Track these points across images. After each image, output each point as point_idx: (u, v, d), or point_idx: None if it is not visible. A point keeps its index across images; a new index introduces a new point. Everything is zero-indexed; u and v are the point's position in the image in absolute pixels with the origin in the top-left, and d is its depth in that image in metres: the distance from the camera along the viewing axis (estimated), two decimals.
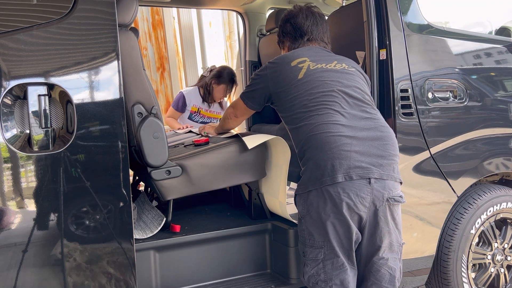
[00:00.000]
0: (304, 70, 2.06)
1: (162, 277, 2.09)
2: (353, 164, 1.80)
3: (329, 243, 1.85)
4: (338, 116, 1.91)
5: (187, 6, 4.46)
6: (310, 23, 2.24)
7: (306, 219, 1.89)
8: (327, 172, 1.80)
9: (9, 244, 1.57)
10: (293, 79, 2.04)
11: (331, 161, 1.81)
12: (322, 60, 2.10)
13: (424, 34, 2.39)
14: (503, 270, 2.60)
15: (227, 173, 2.22)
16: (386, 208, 1.86)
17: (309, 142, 1.89)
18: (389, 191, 1.85)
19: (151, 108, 2.07)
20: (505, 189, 2.61)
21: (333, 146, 1.83)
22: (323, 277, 1.88)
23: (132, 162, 2.01)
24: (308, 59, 2.09)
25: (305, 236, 1.91)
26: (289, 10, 2.35)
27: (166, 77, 6.50)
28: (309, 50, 2.18)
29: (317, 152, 1.85)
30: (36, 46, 1.59)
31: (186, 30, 6.31)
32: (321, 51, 2.19)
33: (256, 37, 3.83)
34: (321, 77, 2.02)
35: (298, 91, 2.01)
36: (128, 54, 2.03)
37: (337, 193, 1.79)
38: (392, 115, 2.26)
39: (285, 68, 2.10)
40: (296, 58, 2.11)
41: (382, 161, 1.85)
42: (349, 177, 1.79)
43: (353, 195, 1.79)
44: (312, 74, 2.03)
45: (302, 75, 2.04)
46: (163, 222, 2.17)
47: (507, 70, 2.60)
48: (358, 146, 1.84)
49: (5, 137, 1.55)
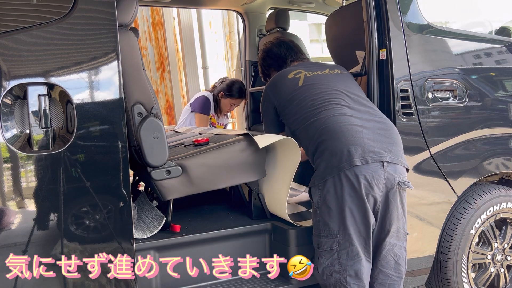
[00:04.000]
0: (302, 78, 2.22)
1: (162, 277, 2.09)
2: (367, 149, 1.92)
3: (345, 231, 1.91)
4: (345, 109, 2.06)
5: (187, 6, 4.46)
6: (285, 49, 2.50)
7: (322, 208, 1.96)
8: (344, 157, 1.91)
9: (9, 244, 1.57)
10: (294, 88, 2.21)
11: (347, 147, 1.92)
12: (316, 69, 2.28)
13: (424, 34, 2.39)
14: (503, 270, 2.60)
15: (227, 173, 2.22)
16: (396, 192, 1.96)
17: (322, 135, 2.00)
18: (400, 175, 1.97)
19: (151, 108, 2.07)
20: (505, 189, 2.61)
21: (346, 134, 1.95)
22: (338, 267, 1.94)
23: (132, 162, 2.01)
24: (302, 70, 2.27)
25: (320, 227, 1.98)
26: (261, 50, 2.63)
27: (166, 77, 6.50)
28: (300, 65, 2.38)
29: (332, 141, 1.96)
30: (36, 46, 1.59)
31: (186, 30, 6.30)
32: (311, 63, 2.40)
33: (256, 37, 3.83)
34: (320, 81, 2.19)
35: (302, 95, 2.16)
36: (128, 54, 2.03)
37: (354, 176, 1.89)
38: (392, 115, 2.26)
39: (283, 81, 2.27)
40: (291, 72, 2.29)
41: (391, 147, 1.98)
42: (365, 160, 1.90)
43: (369, 177, 1.89)
44: (311, 80, 2.20)
45: (301, 82, 2.20)
46: (163, 222, 2.17)
47: (507, 70, 2.60)
48: (368, 134, 1.97)
49: (5, 137, 1.55)
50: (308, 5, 3.87)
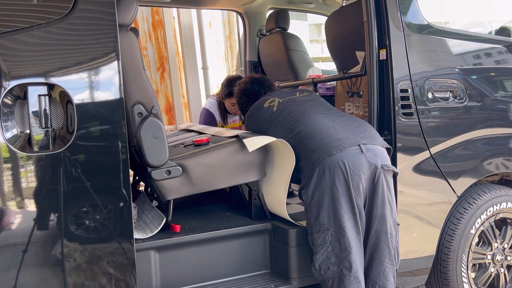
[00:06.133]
0: (276, 104, 2.41)
1: (162, 277, 2.09)
2: (342, 138, 2.03)
3: (335, 222, 1.97)
4: (316, 115, 2.22)
5: (187, 6, 4.46)
6: (257, 85, 2.70)
7: (312, 204, 2.03)
8: (321, 151, 2.01)
9: (9, 244, 1.57)
10: (269, 114, 2.39)
11: (322, 141, 2.04)
12: (287, 95, 2.48)
13: (424, 34, 2.39)
14: (503, 270, 2.60)
15: (227, 173, 2.22)
16: (381, 176, 2.03)
17: (301, 141, 2.13)
18: (382, 159, 2.05)
19: (151, 108, 2.07)
20: (505, 189, 2.61)
21: (320, 131, 2.09)
22: (334, 260, 2.00)
23: (132, 162, 2.01)
24: (276, 98, 2.47)
25: (312, 224, 2.04)
26: (237, 90, 2.82)
27: (166, 77, 6.49)
28: (273, 94, 2.59)
29: (308, 141, 2.10)
30: (36, 46, 1.59)
31: (186, 30, 6.30)
32: (283, 91, 2.63)
33: (256, 37, 3.83)
34: (293, 103, 2.36)
35: (277, 117, 2.34)
36: (128, 54, 2.03)
37: (336, 165, 1.96)
38: (392, 115, 2.26)
39: (260, 111, 2.48)
40: (266, 101, 2.50)
41: (364, 134, 2.09)
42: (342, 147, 1.99)
43: (350, 163, 1.97)
44: (284, 104, 2.38)
45: (276, 108, 2.39)
46: (163, 222, 2.17)
47: (507, 70, 2.60)
48: (341, 127, 2.12)
49: (5, 137, 1.55)
50: (308, 5, 3.87)
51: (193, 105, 6.35)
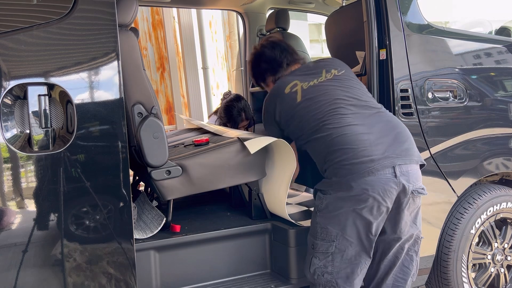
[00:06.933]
0: (299, 92, 2.11)
1: (162, 277, 2.09)
2: (376, 159, 1.86)
3: (343, 237, 1.90)
4: (349, 119, 1.97)
5: (187, 6, 4.46)
6: (279, 52, 2.32)
7: (323, 212, 1.94)
8: (353, 169, 1.85)
9: (9, 244, 1.57)
10: (292, 104, 2.11)
11: (354, 158, 1.86)
12: (311, 77, 2.16)
13: (424, 34, 2.39)
14: (503, 270, 2.60)
15: (227, 173, 2.22)
16: (410, 200, 1.92)
17: (330, 148, 1.94)
18: (414, 182, 1.92)
19: (151, 108, 2.07)
20: (505, 189, 2.61)
21: (351, 144, 1.89)
22: (330, 269, 1.94)
23: (132, 162, 2.01)
24: (298, 81, 2.16)
25: (317, 229, 1.96)
26: (252, 54, 2.44)
27: (166, 77, 6.50)
28: (294, 73, 2.24)
29: (337, 153, 1.91)
30: (36, 46, 1.59)
31: (186, 30, 6.31)
32: (306, 69, 2.25)
33: (256, 37, 3.83)
34: (319, 92, 2.08)
35: (302, 111, 2.07)
36: (128, 54, 2.03)
37: (364, 188, 1.83)
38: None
39: (281, 98, 2.17)
40: (287, 84, 2.17)
41: (401, 146, 1.93)
42: (375, 170, 1.84)
43: (381, 190, 1.83)
44: (308, 93, 2.10)
45: (300, 98, 2.10)
46: (163, 222, 2.17)
47: (507, 70, 2.60)
48: (376, 139, 1.91)
49: (5, 137, 1.55)
50: (308, 5, 3.87)
51: (193, 105, 6.35)
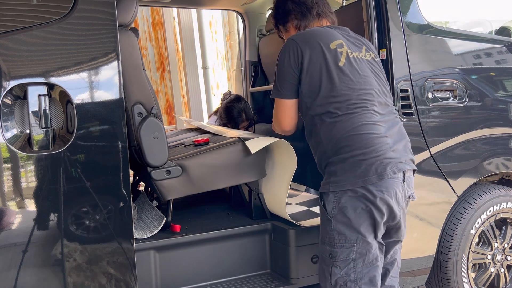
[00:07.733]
0: (344, 55, 1.85)
1: (162, 277, 2.09)
2: (393, 162, 1.80)
3: (364, 240, 1.81)
4: (376, 117, 1.86)
5: (187, 6, 4.46)
6: None
7: (338, 218, 1.81)
8: (371, 171, 1.76)
9: (9, 244, 1.57)
10: (333, 63, 1.84)
11: (374, 160, 1.77)
12: (355, 46, 1.94)
13: (424, 34, 2.39)
14: (503, 270, 2.60)
15: (227, 173, 2.22)
16: (405, 205, 1.92)
17: (350, 141, 1.81)
18: (411, 188, 1.91)
19: (151, 108, 2.07)
20: (505, 189, 2.61)
21: (375, 146, 1.79)
22: (353, 276, 1.82)
23: (132, 162, 2.01)
24: (344, 44, 1.89)
25: (335, 237, 1.82)
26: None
27: (166, 77, 6.51)
28: (337, 31, 1.94)
29: (359, 151, 1.79)
30: (36, 46, 1.59)
31: (186, 30, 6.31)
32: (347, 33, 1.99)
33: (256, 37, 3.83)
34: (360, 70, 1.88)
35: (338, 81, 1.83)
36: (128, 54, 2.03)
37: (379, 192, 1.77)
38: None
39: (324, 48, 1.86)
40: (333, 40, 1.88)
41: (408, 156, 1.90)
42: (393, 172, 1.79)
43: (398, 191, 1.81)
44: (351, 65, 1.87)
45: (343, 63, 1.84)
46: (163, 222, 2.17)
47: (507, 70, 2.60)
48: (393, 144, 1.84)
49: (5, 137, 1.55)
50: None
51: (193, 105, 6.36)
